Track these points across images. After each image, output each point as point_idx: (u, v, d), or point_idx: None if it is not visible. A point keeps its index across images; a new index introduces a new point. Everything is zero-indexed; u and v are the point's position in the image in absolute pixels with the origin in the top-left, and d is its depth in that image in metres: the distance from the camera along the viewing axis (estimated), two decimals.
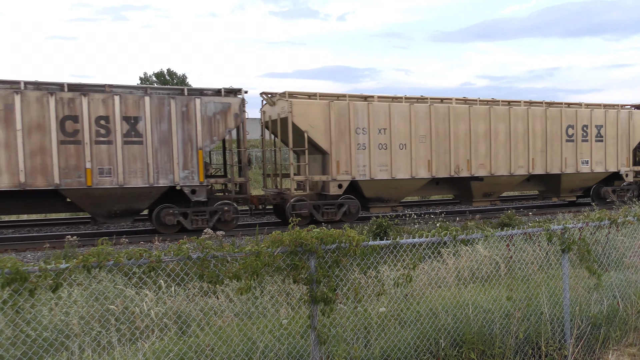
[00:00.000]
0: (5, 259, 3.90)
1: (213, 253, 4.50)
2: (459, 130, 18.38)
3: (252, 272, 4.53)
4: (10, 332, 5.11)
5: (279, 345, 5.16)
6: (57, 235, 15.52)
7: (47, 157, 13.76)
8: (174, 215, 15.15)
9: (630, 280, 7.31)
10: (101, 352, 5.32)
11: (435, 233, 5.58)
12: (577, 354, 6.03)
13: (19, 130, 13.47)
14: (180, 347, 4.99)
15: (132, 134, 14.49)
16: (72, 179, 13.99)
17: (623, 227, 6.93)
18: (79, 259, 4.07)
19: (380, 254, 5.39)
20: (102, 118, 14.23)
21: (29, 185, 13.65)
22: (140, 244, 12.87)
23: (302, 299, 5.16)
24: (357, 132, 16.89)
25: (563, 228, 6.15)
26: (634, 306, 6.90)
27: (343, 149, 16.81)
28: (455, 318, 5.89)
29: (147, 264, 4.30)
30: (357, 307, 5.66)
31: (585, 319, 6.33)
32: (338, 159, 16.75)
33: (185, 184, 15.08)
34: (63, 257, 11.19)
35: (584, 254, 6.30)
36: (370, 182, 17.23)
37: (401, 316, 5.91)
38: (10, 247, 14.02)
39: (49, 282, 3.96)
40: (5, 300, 3.90)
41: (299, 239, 4.72)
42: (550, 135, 20.06)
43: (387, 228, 13.71)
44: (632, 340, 6.51)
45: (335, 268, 4.92)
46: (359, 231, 8.45)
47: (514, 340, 5.89)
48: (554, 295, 6.42)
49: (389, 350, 5.45)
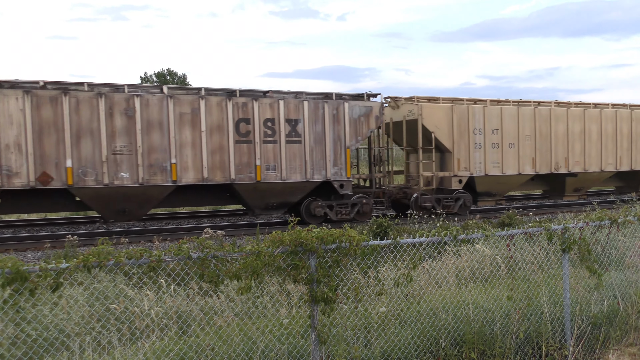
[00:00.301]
0: (5, 259, 3.91)
1: (213, 253, 4.50)
2: (559, 130, 20.35)
3: (252, 271, 4.53)
4: (11, 331, 5.12)
5: (279, 345, 5.16)
6: (58, 235, 15.53)
7: (225, 155, 15.48)
8: (322, 207, 16.82)
9: (631, 280, 7.31)
10: (101, 351, 5.33)
11: (435, 233, 5.58)
12: (577, 354, 6.03)
13: (204, 131, 15.22)
14: (180, 347, 4.99)
15: (292, 134, 16.27)
16: (244, 175, 15.74)
17: (623, 226, 6.93)
18: (79, 258, 4.08)
19: (380, 253, 5.39)
20: (269, 120, 15.98)
21: (210, 180, 15.37)
22: (141, 243, 12.88)
23: (302, 298, 5.16)
24: (474, 133, 18.85)
25: (563, 228, 6.15)
26: (634, 306, 6.90)
27: (463, 148, 18.74)
28: (456, 318, 5.89)
29: (148, 263, 4.30)
30: (358, 306, 5.66)
31: (585, 318, 6.33)
32: (459, 157, 18.72)
33: (335, 179, 16.84)
34: (63, 256, 11.19)
35: (584, 253, 6.30)
36: (485, 177, 19.23)
37: (401, 316, 5.91)
38: (11, 246, 14.04)
39: (49, 281, 3.96)
40: (5, 300, 3.90)
41: (299, 239, 4.72)
42: (635, 135, 22.08)
43: (387, 228, 13.72)
44: (632, 340, 6.51)
45: (336, 268, 4.92)
46: (359, 231, 8.45)
47: (514, 340, 5.89)
48: (554, 295, 6.42)
49: (389, 350, 5.46)
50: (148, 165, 14.66)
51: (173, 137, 14.82)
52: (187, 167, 15.07)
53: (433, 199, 18.29)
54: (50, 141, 13.74)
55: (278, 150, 16.02)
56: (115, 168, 14.36)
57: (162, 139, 14.77)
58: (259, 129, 15.74)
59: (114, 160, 14.34)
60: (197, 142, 15.12)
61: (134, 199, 14.89)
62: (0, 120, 13.31)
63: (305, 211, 16.77)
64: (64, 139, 13.82)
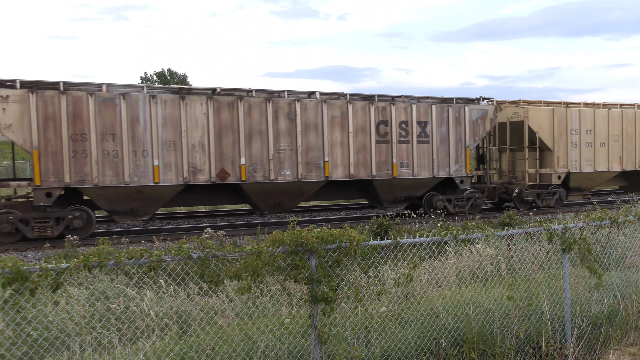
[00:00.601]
0: (6, 259, 3.91)
1: (214, 253, 4.50)
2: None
3: (252, 271, 4.53)
4: (12, 331, 5.12)
5: (280, 344, 5.16)
6: (58, 235, 15.51)
7: (367, 154, 17.21)
8: (442, 201, 18.45)
9: (631, 279, 7.31)
10: (102, 351, 5.33)
11: (435, 233, 5.58)
12: (577, 354, 6.03)
13: (351, 132, 16.89)
14: (181, 347, 4.99)
15: (422, 135, 18.03)
16: (383, 171, 17.47)
17: (624, 226, 6.93)
18: (79, 258, 4.08)
19: (380, 253, 5.39)
20: (403, 122, 17.76)
21: (355, 176, 17.10)
22: (141, 243, 12.88)
23: (302, 298, 5.16)
24: (571, 133, 20.81)
25: (564, 228, 6.14)
26: (634, 306, 6.90)
27: (562, 147, 20.68)
28: (456, 318, 5.89)
29: (148, 263, 4.30)
30: (358, 306, 5.66)
31: (586, 318, 6.33)
32: (558, 155, 20.67)
33: (456, 175, 18.66)
34: (64, 256, 11.19)
35: (584, 253, 6.29)
36: (579, 174, 21.17)
37: (402, 316, 5.91)
38: (11, 246, 14.04)
39: (49, 281, 3.96)
40: (6, 299, 3.90)
41: (300, 239, 4.72)
42: None
43: (387, 228, 13.71)
44: (632, 340, 6.51)
45: (336, 268, 4.92)
46: (359, 231, 8.45)
47: (514, 340, 5.89)
48: (554, 294, 6.42)
49: (390, 349, 5.45)
50: (305, 163, 16.43)
51: (326, 137, 16.60)
52: (337, 164, 16.87)
53: (534, 194, 20.22)
54: (228, 141, 15.52)
55: (410, 149, 17.86)
56: (279, 165, 16.14)
57: (317, 139, 16.54)
58: (395, 130, 17.54)
59: (278, 159, 16.14)
60: (345, 142, 16.90)
61: (291, 193, 16.66)
62: (188, 123, 15.00)
63: (427, 204, 18.63)
64: (239, 140, 15.60)
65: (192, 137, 15.06)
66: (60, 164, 13.95)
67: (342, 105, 16.80)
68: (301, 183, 16.40)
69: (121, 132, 14.41)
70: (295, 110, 16.16)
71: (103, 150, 14.30)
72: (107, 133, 14.31)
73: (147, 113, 14.63)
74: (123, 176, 14.49)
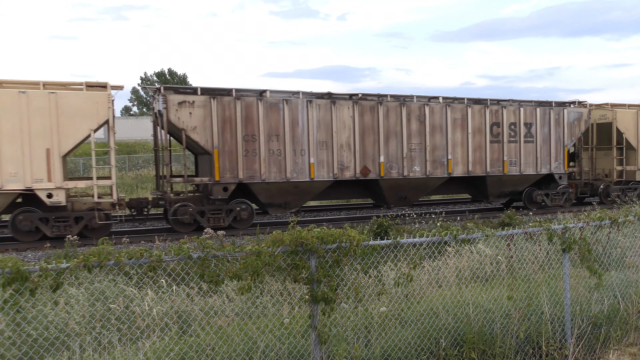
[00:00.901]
0: (6, 259, 3.91)
1: (214, 253, 4.50)
2: None
3: (252, 271, 4.53)
4: (12, 331, 5.12)
5: (280, 344, 5.16)
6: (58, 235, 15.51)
7: (482, 152, 19.23)
8: (541, 195, 20.47)
9: (631, 279, 7.30)
10: (102, 351, 5.33)
11: (435, 233, 5.58)
12: (577, 354, 6.03)
13: (469, 133, 18.93)
14: (181, 347, 4.99)
15: (528, 135, 20.01)
16: (495, 168, 19.48)
17: (624, 226, 6.92)
18: (79, 258, 4.07)
19: (380, 253, 5.39)
20: (512, 124, 19.74)
21: (472, 172, 19.11)
22: (141, 243, 12.87)
23: (302, 298, 5.15)
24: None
25: (564, 228, 6.14)
26: (634, 306, 6.89)
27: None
28: (456, 318, 5.89)
29: (148, 263, 4.30)
30: (358, 306, 5.65)
31: (586, 318, 6.33)
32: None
33: (556, 172, 20.64)
34: (64, 256, 11.19)
35: (584, 253, 6.29)
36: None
37: (402, 316, 5.91)
38: (11, 246, 14.03)
39: (49, 281, 3.96)
40: (6, 299, 3.90)
41: (300, 239, 4.72)
42: None
43: (387, 228, 13.70)
44: (632, 340, 6.51)
45: (336, 268, 4.92)
46: (359, 231, 8.45)
47: (514, 340, 5.89)
48: (554, 294, 6.42)
49: (390, 349, 5.45)
50: (432, 160, 18.41)
51: (449, 137, 18.54)
52: (457, 162, 18.83)
53: (619, 189, 21.93)
54: (369, 141, 17.44)
55: (518, 148, 19.82)
56: (410, 163, 18.12)
57: (442, 139, 18.48)
58: (506, 131, 19.54)
59: (410, 157, 18.11)
60: (465, 141, 18.87)
61: (417, 188, 18.78)
62: (338, 125, 16.89)
63: (527, 198, 20.53)
64: (378, 140, 17.54)
65: (341, 137, 16.99)
66: (235, 162, 15.79)
67: (463, 108, 18.75)
68: (427, 179, 18.49)
69: (284, 133, 16.24)
70: (425, 113, 18.13)
71: (269, 150, 16.16)
72: (272, 134, 16.15)
73: (305, 116, 16.52)
74: (285, 172, 16.34)
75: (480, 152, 19.12)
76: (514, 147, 19.72)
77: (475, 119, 18.98)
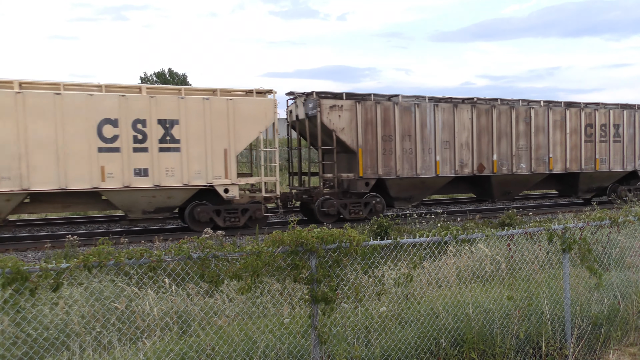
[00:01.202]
0: (6, 259, 3.91)
1: (214, 253, 4.50)
2: None
3: (252, 271, 4.53)
4: (12, 331, 5.12)
5: (280, 344, 5.16)
6: (58, 235, 15.53)
7: (577, 151, 21.19)
8: (625, 191, 22.29)
9: (631, 279, 7.30)
10: (102, 351, 5.32)
11: (435, 233, 5.58)
12: (577, 354, 6.03)
13: (567, 133, 20.84)
14: (181, 347, 4.98)
15: (616, 135, 22.02)
16: (587, 166, 21.46)
17: (624, 226, 6.92)
18: (79, 258, 4.07)
19: (380, 253, 5.39)
20: (603, 125, 21.71)
21: (569, 169, 21.04)
22: (141, 243, 12.87)
23: (302, 298, 5.15)
24: None
25: (564, 228, 6.14)
26: (634, 306, 6.90)
27: None
28: (456, 318, 5.89)
29: (148, 263, 4.30)
30: (358, 306, 5.65)
31: (586, 318, 6.33)
32: None
33: (638, 169, 22.86)
34: (64, 256, 11.19)
35: (584, 253, 6.28)
36: None
37: (402, 316, 5.91)
38: (11, 246, 14.04)
39: (49, 281, 3.96)
40: (6, 299, 3.90)
41: (300, 239, 4.72)
42: None
43: (387, 228, 13.70)
44: (632, 340, 6.51)
45: (336, 268, 4.92)
46: (359, 231, 8.44)
47: (514, 340, 5.89)
48: (554, 294, 6.41)
49: (390, 349, 5.45)
50: (536, 158, 20.37)
51: (550, 137, 20.56)
52: (557, 159, 20.76)
53: None
54: (484, 141, 19.39)
55: (608, 147, 21.80)
56: (518, 160, 20.05)
57: (544, 139, 20.48)
58: (597, 131, 21.44)
59: (518, 155, 20.04)
60: (563, 141, 20.82)
61: (521, 183, 20.65)
62: (458, 126, 18.79)
63: (612, 193, 22.44)
64: (492, 139, 19.47)
65: (461, 137, 18.87)
66: (375, 159, 17.55)
67: (561, 111, 20.81)
68: (531, 175, 20.49)
69: (415, 133, 18.05)
70: (530, 115, 20.20)
71: (402, 148, 17.96)
72: (405, 134, 17.97)
73: (432, 118, 18.37)
74: (415, 169, 18.19)
75: (575, 151, 21.04)
76: (605, 146, 21.72)
77: (572, 121, 20.97)
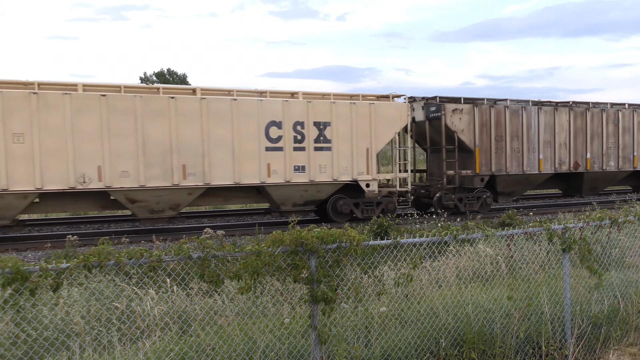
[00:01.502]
0: (6, 259, 3.91)
1: (214, 253, 4.50)
2: None
3: (252, 271, 4.53)
4: (12, 331, 5.12)
5: (280, 344, 5.16)
6: (58, 235, 15.53)
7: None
8: None
9: (631, 279, 7.31)
10: (102, 351, 5.32)
11: (435, 233, 5.58)
12: (577, 354, 6.03)
13: None
14: (181, 347, 4.99)
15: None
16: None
17: (624, 226, 6.93)
18: (79, 258, 4.07)
19: (380, 253, 5.39)
20: None
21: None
22: (141, 243, 12.87)
23: (302, 298, 5.16)
24: None
25: (564, 228, 6.14)
26: (634, 306, 6.90)
27: None
28: (456, 318, 5.89)
29: (148, 263, 4.30)
30: (358, 306, 5.65)
31: (586, 318, 6.33)
32: None
33: None
34: (64, 256, 11.19)
35: (584, 253, 6.29)
36: None
37: (402, 316, 5.91)
38: (11, 246, 14.04)
39: (49, 281, 3.96)
40: (6, 299, 3.90)
41: (300, 239, 4.72)
42: None
43: (387, 228, 13.70)
44: (632, 340, 6.51)
45: (336, 268, 4.92)
46: (359, 231, 8.45)
47: (514, 340, 5.89)
48: (554, 294, 6.42)
49: (390, 349, 5.45)
50: (622, 157, 22.14)
51: (635, 137, 22.27)
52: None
53: None
54: (579, 141, 21.08)
55: None
56: (607, 159, 21.82)
57: (629, 139, 22.27)
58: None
59: (607, 154, 21.77)
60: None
61: (608, 180, 22.51)
62: (558, 128, 20.60)
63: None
64: (585, 139, 21.24)
65: (560, 138, 20.66)
66: (489, 157, 19.36)
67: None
68: (618, 172, 22.26)
69: (521, 134, 19.83)
70: (618, 118, 21.98)
71: (512, 148, 19.70)
72: (514, 135, 19.74)
73: (536, 120, 20.20)
74: (522, 166, 19.95)
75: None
76: None
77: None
